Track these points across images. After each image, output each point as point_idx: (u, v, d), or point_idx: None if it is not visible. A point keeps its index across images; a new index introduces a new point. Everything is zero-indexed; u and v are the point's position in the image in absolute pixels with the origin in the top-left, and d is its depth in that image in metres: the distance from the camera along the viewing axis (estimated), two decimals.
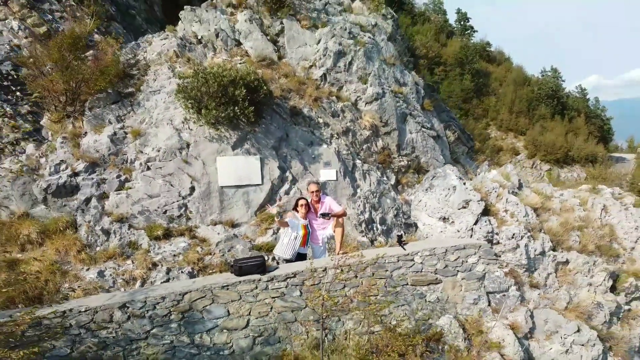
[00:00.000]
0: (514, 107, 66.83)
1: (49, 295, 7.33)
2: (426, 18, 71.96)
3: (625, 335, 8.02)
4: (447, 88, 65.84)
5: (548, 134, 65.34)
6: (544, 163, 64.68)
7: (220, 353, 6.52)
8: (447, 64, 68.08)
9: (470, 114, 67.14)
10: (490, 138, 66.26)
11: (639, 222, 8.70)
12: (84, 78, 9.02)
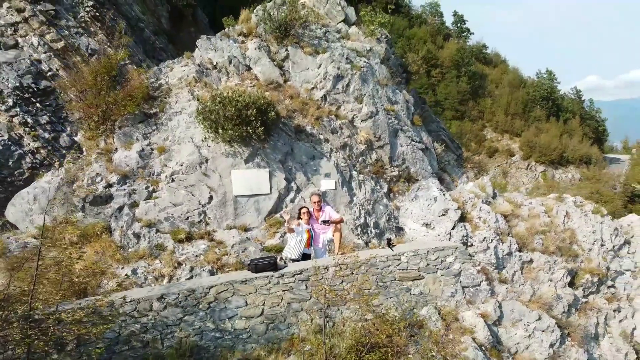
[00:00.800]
0: (509, 109, 68.51)
1: (91, 290, 8.77)
2: (423, 20, 73.57)
3: (582, 324, 9.51)
4: (444, 90, 67.44)
5: (543, 136, 67.03)
6: (539, 164, 66.35)
7: (240, 337, 7.97)
8: (443, 66, 69.62)
9: (466, 116, 68.76)
10: (486, 139, 67.81)
11: (596, 227, 10.17)
12: (115, 101, 10.42)
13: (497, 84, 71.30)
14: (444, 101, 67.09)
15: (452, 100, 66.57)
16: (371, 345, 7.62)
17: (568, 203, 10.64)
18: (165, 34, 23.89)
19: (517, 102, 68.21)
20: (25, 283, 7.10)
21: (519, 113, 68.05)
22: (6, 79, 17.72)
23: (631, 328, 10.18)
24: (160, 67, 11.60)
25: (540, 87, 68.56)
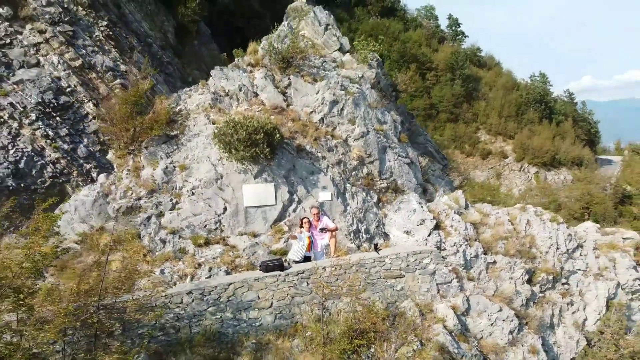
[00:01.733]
0: (503, 112, 70.68)
1: (126, 287, 10.67)
2: (418, 24, 75.59)
3: (539, 315, 11.50)
4: (439, 93, 69.54)
5: (536, 138, 69.26)
6: (532, 166, 68.61)
7: (253, 325, 9.89)
8: (438, 69, 71.68)
9: (460, 118, 70.91)
10: (480, 142, 69.92)
11: (553, 233, 12.14)
12: (142, 125, 12.29)
13: (491, 86, 73.41)
14: (438, 104, 69.14)
15: (447, 103, 68.61)
16: (360, 331, 9.57)
17: (530, 213, 12.60)
18: (171, 48, 25.72)
19: (511, 105, 70.33)
20: (72, 281, 8.95)
21: (512, 115, 70.18)
22: (29, 95, 19.47)
23: (582, 319, 12.17)
24: (180, 94, 13.50)
25: (533, 89, 70.69)
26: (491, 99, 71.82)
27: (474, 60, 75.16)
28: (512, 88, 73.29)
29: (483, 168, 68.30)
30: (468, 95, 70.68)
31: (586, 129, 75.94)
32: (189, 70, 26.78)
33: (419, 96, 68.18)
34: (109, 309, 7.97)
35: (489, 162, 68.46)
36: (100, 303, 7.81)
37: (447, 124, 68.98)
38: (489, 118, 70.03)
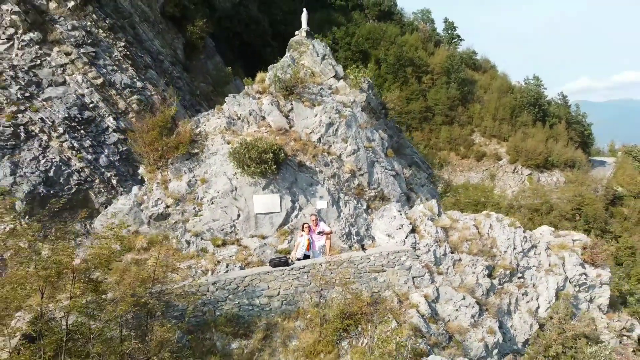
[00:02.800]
0: (497, 114, 73.71)
1: (159, 280, 13.39)
2: (415, 27, 78.44)
3: (497, 303, 14.30)
4: (434, 96, 72.55)
5: (529, 140, 72.33)
6: (525, 168, 71.62)
7: (264, 309, 12.65)
8: (434, 72, 74.59)
9: (456, 121, 73.89)
10: (474, 144, 72.92)
11: (510, 236, 14.91)
12: (168, 145, 15.00)
13: (485, 89, 76.28)
14: (434, 107, 72.01)
15: (442, 106, 71.50)
16: (349, 314, 12.34)
17: (492, 218, 15.37)
18: (180, 64, 28.43)
19: (505, 108, 73.24)
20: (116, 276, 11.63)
21: (506, 118, 73.11)
22: (57, 111, 22.24)
23: (535, 307, 14.97)
24: (199, 118, 16.24)
25: (527, 93, 73.55)
26: (486, 101, 74.68)
27: (470, 64, 78.03)
28: (507, 91, 76.11)
29: (477, 170, 71.27)
30: (463, 98, 73.54)
31: (579, 131, 78.87)
32: (197, 84, 29.50)
33: (415, 99, 71.02)
34: (158, 295, 10.70)
35: (483, 164, 71.45)
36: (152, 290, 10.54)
37: (442, 126, 71.89)
38: (484, 121, 72.94)
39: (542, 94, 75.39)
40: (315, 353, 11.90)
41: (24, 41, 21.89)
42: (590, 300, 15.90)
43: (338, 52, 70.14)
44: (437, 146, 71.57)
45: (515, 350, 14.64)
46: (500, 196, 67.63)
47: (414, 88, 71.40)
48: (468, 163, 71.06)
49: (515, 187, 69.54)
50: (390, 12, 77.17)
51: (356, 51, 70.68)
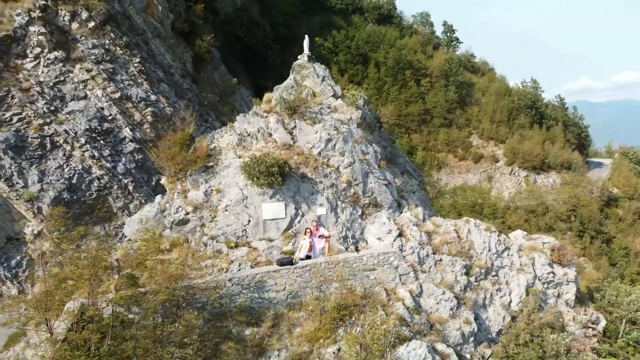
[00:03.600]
0: (495, 117, 76.23)
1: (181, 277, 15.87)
2: (414, 31, 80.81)
3: (474, 297, 16.80)
4: (433, 99, 75.07)
5: (526, 143, 74.88)
6: (522, 170, 74.08)
7: (272, 302, 15.13)
8: (432, 75, 76.99)
9: (454, 123, 76.32)
10: (472, 146, 75.37)
11: (486, 239, 17.38)
12: (187, 159, 17.46)
13: (483, 92, 78.75)
14: (432, 109, 74.50)
15: (441, 109, 73.97)
16: (345, 305, 14.82)
17: (471, 224, 17.85)
18: (189, 76, 30.90)
19: (503, 110, 75.72)
20: (147, 272, 14.10)
21: (504, 121, 75.61)
22: (79, 123, 24.76)
23: (508, 301, 17.45)
24: (214, 134, 18.72)
25: (524, 95, 75.96)
26: (484, 104, 77.17)
27: (468, 66, 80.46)
28: (505, 93, 78.53)
29: (475, 171, 73.77)
30: (461, 101, 76.02)
31: (576, 133, 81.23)
32: (205, 95, 32.00)
33: (414, 102, 73.50)
34: (185, 289, 13.19)
35: (481, 166, 73.94)
36: (181, 284, 13.03)
37: (440, 128, 74.40)
38: (481, 123, 75.45)
39: (539, 96, 77.79)
40: (315, 339, 14.40)
41: (49, 59, 24.37)
42: (558, 295, 18.40)
43: (338, 55, 72.62)
44: (435, 148, 74.04)
45: (490, 339, 17.15)
46: (497, 197, 70.17)
47: (413, 91, 73.85)
48: (466, 165, 73.55)
49: (512, 188, 72.00)
50: (389, 16, 79.53)
51: (356, 54, 72.96)
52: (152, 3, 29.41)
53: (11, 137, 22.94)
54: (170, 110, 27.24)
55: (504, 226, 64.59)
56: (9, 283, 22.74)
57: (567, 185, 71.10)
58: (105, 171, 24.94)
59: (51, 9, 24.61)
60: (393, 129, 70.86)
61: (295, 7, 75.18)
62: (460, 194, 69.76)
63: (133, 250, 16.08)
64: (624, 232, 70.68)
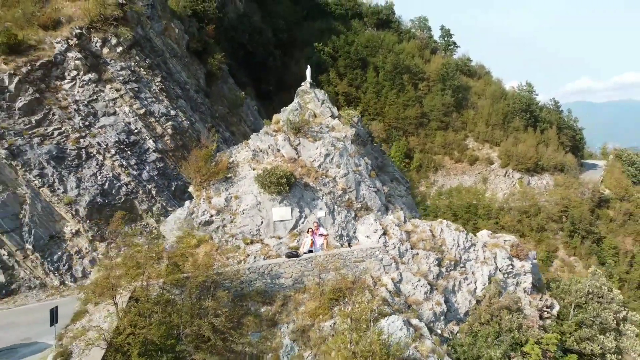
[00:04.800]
0: (490, 120, 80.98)
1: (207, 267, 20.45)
2: (412, 35, 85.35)
3: (444, 284, 21.39)
4: (430, 102, 79.76)
5: (520, 145, 79.69)
6: (516, 172, 78.88)
7: (282, 286, 19.74)
8: (430, 79, 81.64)
9: (450, 126, 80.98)
10: (468, 149, 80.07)
11: (456, 237, 21.96)
12: (211, 172, 22.01)
13: (479, 95, 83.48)
14: (429, 113, 79.16)
15: (437, 112, 78.63)
16: (339, 289, 19.41)
17: (443, 225, 22.43)
18: (202, 91, 35.47)
19: (498, 114, 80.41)
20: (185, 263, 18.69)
21: (499, 124, 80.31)
22: (110, 136, 29.31)
23: (473, 288, 22.04)
24: (232, 150, 23.30)
25: (519, 99, 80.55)
26: (479, 107, 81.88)
27: (465, 70, 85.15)
28: (501, 97, 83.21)
29: (470, 173, 78.46)
30: (458, 105, 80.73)
31: (570, 135, 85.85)
32: (216, 107, 36.57)
33: (412, 105, 78.19)
34: (217, 275, 17.78)
35: (476, 168, 78.63)
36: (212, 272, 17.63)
37: (437, 131, 79.11)
38: (477, 126, 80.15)
39: (533, 100, 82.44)
40: (316, 315, 18.98)
41: (84, 80, 28.95)
42: (516, 284, 23.00)
43: (337, 60, 77.25)
44: (432, 150, 78.68)
45: (458, 319, 21.75)
46: (492, 199, 74.81)
47: (411, 95, 78.55)
48: (461, 167, 78.21)
49: (506, 190, 76.68)
50: (388, 21, 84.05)
51: (355, 59, 77.52)
52: (170, 26, 33.95)
53: (53, 149, 27.47)
54: (187, 124, 31.85)
55: (497, 226, 69.35)
56: (52, 275, 27.25)
57: (559, 187, 75.74)
58: (131, 178, 29.50)
59: (85, 37, 29.15)
60: (391, 132, 75.54)
61: (296, 13, 79.66)
62: (455, 195, 74.31)
63: (169, 245, 20.71)
64: (614, 232, 75.32)
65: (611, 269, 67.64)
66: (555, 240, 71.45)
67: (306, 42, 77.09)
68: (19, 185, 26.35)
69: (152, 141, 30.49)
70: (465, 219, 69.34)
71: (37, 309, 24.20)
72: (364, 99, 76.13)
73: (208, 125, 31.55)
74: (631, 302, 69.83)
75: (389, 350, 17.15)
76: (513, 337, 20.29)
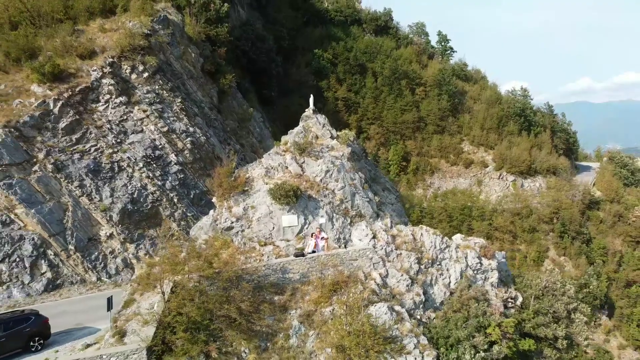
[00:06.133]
0: (485, 124, 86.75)
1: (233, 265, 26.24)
2: (409, 41, 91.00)
3: (423, 279, 27.22)
4: (427, 107, 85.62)
5: (514, 149, 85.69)
6: (510, 175, 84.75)
7: (291, 280, 25.55)
8: (427, 84, 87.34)
9: (446, 130, 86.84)
10: (463, 152, 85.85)
11: (433, 240, 27.70)
12: (231, 186, 27.73)
13: (475, 100, 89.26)
14: (426, 117, 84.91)
15: (434, 117, 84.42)
16: (337, 282, 25.19)
17: (423, 230, 28.18)
18: (215, 108, 41.20)
19: (493, 118, 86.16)
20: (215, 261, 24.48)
21: (493, 128, 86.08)
22: (138, 151, 35.07)
23: (448, 282, 27.82)
24: (248, 167, 29.05)
25: (513, 104, 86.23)
26: (475, 111, 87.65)
27: (461, 75, 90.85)
28: (496, 101, 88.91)
29: (466, 176, 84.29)
30: (454, 109, 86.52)
31: (564, 138, 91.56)
32: (227, 122, 42.29)
33: (409, 110, 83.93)
34: (241, 270, 23.57)
35: (471, 171, 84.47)
36: (237, 268, 23.42)
37: (434, 135, 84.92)
38: (472, 130, 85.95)
39: (528, 104, 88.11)
40: (318, 302, 24.76)
41: (116, 103, 34.69)
42: (485, 279, 28.80)
43: (337, 66, 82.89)
44: (428, 154, 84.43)
45: (435, 307, 27.55)
46: (486, 201, 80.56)
47: (408, 100, 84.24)
48: (457, 170, 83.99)
49: (500, 192, 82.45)
50: (386, 27, 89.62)
51: (354, 65, 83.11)
52: (187, 51, 39.65)
53: (91, 163, 33.21)
54: (204, 139, 37.62)
55: (490, 227, 75.27)
56: (90, 272, 33.02)
57: (551, 190, 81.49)
58: (157, 188, 35.27)
59: (116, 65, 34.87)
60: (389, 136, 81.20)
61: (296, 20, 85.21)
62: (451, 197, 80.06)
63: (198, 246, 26.33)
64: (604, 233, 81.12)
65: (599, 268, 73.26)
66: (546, 240, 77.15)
67: (307, 48, 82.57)
68: (63, 195, 32.07)
69: (174, 155, 36.24)
70: (460, 221, 75.10)
71: (80, 300, 30.05)
72: (363, 104, 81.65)
73: (229, 150, 37.23)
74: (619, 300, 75.98)
75: (376, 330, 23.00)
76: (478, 321, 26.05)
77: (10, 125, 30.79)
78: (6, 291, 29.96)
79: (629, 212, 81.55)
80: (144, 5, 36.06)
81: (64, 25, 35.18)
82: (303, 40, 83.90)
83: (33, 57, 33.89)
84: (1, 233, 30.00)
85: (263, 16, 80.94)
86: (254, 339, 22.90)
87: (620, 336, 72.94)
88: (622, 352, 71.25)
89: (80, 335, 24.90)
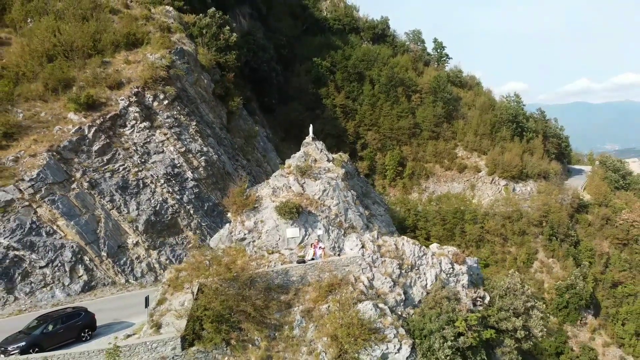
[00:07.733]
0: (479, 130, 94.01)
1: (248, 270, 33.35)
2: (406, 48, 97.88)
3: (404, 281, 34.35)
4: (422, 114, 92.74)
5: (507, 154, 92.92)
6: (502, 179, 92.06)
7: (293, 282, 32.60)
8: (422, 91, 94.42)
9: (441, 136, 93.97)
10: (457, 157, 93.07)
11: (412, 249, 34.73)
12: (244, 204, 34.72)
13: (469, 106, 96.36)
14: (422, 123, 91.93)
15: (429, 123, 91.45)
16: (332, 284, 32.27)
17: (404, 240, 35.18)
18: (225, 127, 48.15)
19: (486, 124, 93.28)
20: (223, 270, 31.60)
21: (486, 134, 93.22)
22: (160, 170, 42.24)
23: (424, 284, 34.88)
24: (257, 187, 36.08)
25: (506, 110, 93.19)
26: (469, 117, 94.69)
27: (456, 82, 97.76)
28: (489, 107, 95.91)
29: (459, 180, 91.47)
30: (448, 115, 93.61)
31: (556, 143, 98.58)
32: (235, 140, 49.26)
33: (405, 116, 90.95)
34: (256, 274, 30.69)
35: (464, 175, 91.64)
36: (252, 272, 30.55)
37: (429, 141, 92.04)
38: (466, 136, 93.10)
39: (520, 110, 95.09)
40: (316, 301, 31.81)
41: (140, 127, 41.70)
42: (457, 281, 35.87)
43: (335, 74, 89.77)
44: (424, 159, 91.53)
45: (414, 305, 34.66)
46: (478, 205, 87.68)
47: (404, 106, 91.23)
48: (451, 174, 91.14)
49: (492, 196, 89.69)
50: (383, 35, 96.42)
51: (352, 72, 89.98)
52: (200, 77, 46.62)
53: (119, 181, 40.24)
54: (215, 157, 44.67)
55: (482, 230, 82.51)
56: (119, 275, 40.09)
57: (541, 194, 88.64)
58: (175, 201, 42.31)
59: (141, 94, 41.86)
60: (386, 141, 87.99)
61: (296, 29, 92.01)
62: (445, 201, 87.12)
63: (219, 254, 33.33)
64: (592, 235, 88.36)
65: (586, 270, 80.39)
66: (535, 243, 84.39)
67: (306, 56, 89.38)
68: (96, 208, 39.13)
69: (190, 172, 43.28)
70: (453, 224, 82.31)
71: (112, 299, 37.17)
72: (361, 111, 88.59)
73: (237, 166, 44.26)
74: (605, 300, 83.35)
75: (363, 323, 30.15)
76: (448, 316, 33.11)
77: (52, 149, 37.80)
78: (50, 292, 36.98)
79: (617, 215, 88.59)
80: (163, 39, 42.92)
81: (94, 58, 42.02)
82: (302, 49, 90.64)
83: (68, 87, 40.82)
84: (46, 242, 37.04)
85: (263, 25, 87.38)
86: (265, 330, 29.97)
87: (605, 334, 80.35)
88: (607, 350, 78.83)
89: (119, 328, 31.99)
